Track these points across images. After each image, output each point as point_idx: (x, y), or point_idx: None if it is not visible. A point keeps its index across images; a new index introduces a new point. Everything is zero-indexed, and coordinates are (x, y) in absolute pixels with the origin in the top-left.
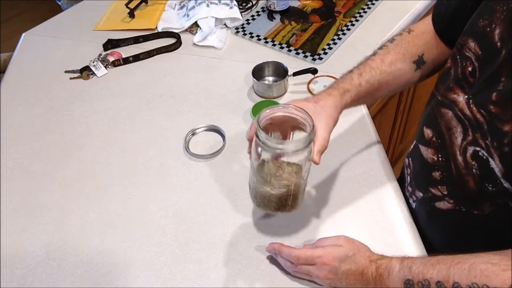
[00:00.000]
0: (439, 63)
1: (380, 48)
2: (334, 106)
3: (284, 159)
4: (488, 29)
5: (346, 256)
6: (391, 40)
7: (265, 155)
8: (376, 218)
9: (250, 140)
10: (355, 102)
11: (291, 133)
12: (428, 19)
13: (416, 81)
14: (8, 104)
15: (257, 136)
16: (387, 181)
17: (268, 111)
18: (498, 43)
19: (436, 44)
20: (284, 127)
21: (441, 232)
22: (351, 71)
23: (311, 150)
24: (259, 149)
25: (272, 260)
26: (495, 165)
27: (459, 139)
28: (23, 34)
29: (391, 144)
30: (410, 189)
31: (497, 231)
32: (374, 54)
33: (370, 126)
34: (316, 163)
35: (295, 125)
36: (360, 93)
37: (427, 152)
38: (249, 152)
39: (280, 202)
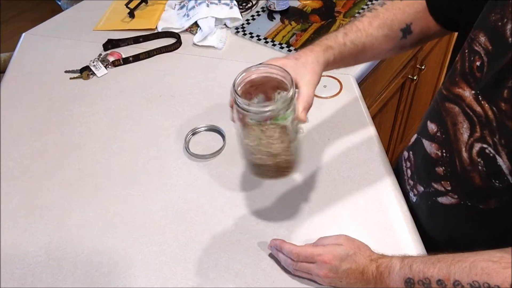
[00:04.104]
0: (425, 37)
1: (369, 10)
2: (316, 62)
3: (269, 122)
4: (500, 23)
5: (346, 255)
6: (381, 3)
7: (249, 120)
8: (376, 218)
9: (232, 107)
10: (338, 62)
11: (276, 95)
12: None
13: (399, 50)
14: (8, 104)
15: (235, 102)
16: (387, 181)
17: (243, 74)
18: (510, 38)
19: (426, 16)
20: (266, 89)
21: (442, 227)
22: (336, 31)
23: (295, 108)
24: (241, 114)
25: (273, 260)
26: (502, 162)
27: (465, 136)
28: (23, 34)
29: (391, 144)
30: (411, 182)
31: (501, 225)
32: (362, 16)
33: (370, 126)
34: (303, 121)
35: (277, 85)
36: (343, 53)
37: (430, 147)
38: (232, 120)
39: (275, 169)
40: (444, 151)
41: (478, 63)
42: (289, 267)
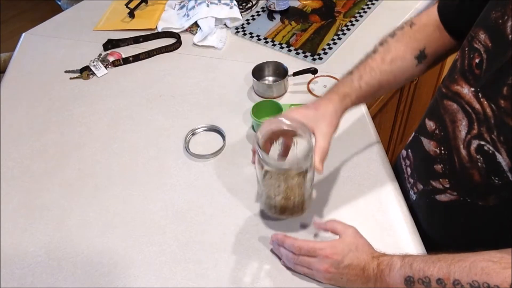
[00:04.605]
0: (441, 55)
1: (381, 44)
2: (334, 112)
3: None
4: (500, 21)
5: (348, 251)
6: (392, 34)
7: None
8: (376, 218)
9: (254, 152)
10: (355, 104)
11: (295, 141)
12: (432, 10)
13: (417, 75)
14: (8, 104)
15: (258, 154)
16: (387, 181)
17: (265, 128)
18: (510, 36)
19: (439, 36)
20: (287, 135)
21: (442, 225)
22: (351, 73)
23: (312, 159)
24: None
25: (273, 260)
26: (502, 159)
27: (463, 133)
28: (23, 34)
29: (391, 144)
30: (411, 181)
31: (499, 223)
32: (375, 51)
33: (370, 126)
34: (319, 172)
35: (296, 134)
36: (360, 96)
37: (429, 145)
38: (253, 162)
39: (288, 210)
40: (442, 148)
41: (477, 60)
42: (290, 261)
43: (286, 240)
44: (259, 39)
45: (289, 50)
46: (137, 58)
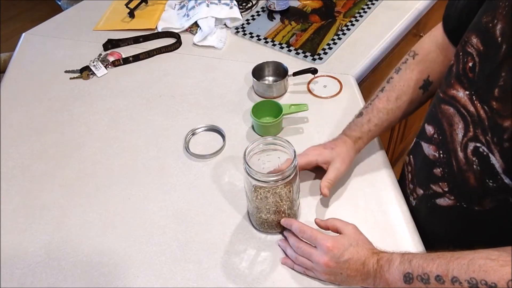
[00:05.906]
0: None
1: (388, 81)
2: (347, 153)
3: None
4: (491, 24)
5: (349, 245)
6: (397, 69)
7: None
8: (376, 218)
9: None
10: (367, 143)
11: (279, 156)
12: (434, 34)
13: (427, 100)
14: (8, 104)
15: (245, 168)
16: (387, 181)
17: (251, 145)
18: (499, 38)
19: (443, 59)
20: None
21: (442, 229)
22: (361, 115)
23: (296, 173)
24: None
25: (273, 260)
26: (495, 161)
27: (460, 135)
28: (23, 34)
29: (391, 144)
30: (411, 186)
31: (498, 226)
32: (382, 90)
33: None
34: (324, 195)
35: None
36: (371, 136)
37: (428, 149)
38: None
39: (278, 224)
40: (441, 152)
41: (470, 64)
42: (292, 253)
43: (293, 222)
44: (259, 39)
45: (289, 50)
46: (137, 58)
